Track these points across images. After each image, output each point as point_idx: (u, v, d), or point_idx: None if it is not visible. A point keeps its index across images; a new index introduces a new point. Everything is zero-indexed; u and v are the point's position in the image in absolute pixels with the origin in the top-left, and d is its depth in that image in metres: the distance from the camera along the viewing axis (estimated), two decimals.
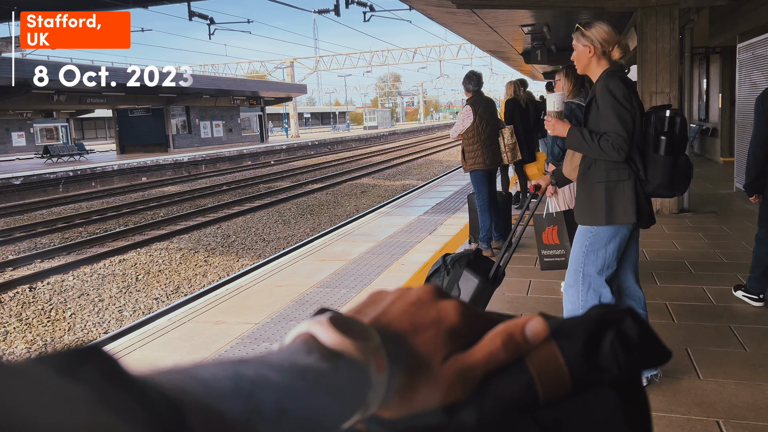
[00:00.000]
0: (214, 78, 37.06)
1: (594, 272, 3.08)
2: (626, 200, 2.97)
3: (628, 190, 2.97)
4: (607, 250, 3.05)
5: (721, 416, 2.81)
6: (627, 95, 2.94)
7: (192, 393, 0.26)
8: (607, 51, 3.03)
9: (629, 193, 2.97)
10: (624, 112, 2.93)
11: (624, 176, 2.97)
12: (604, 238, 3.05)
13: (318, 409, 0.30)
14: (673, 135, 2.93)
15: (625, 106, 2.93)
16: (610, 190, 2.99)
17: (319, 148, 39.79)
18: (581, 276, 3.11)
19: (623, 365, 0.34)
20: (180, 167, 27.18)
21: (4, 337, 6.83)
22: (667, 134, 2.92)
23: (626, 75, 3.04)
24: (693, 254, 5.69)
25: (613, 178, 2.98)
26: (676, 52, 7.80)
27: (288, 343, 0.33)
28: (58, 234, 12.66)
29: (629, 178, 2.97)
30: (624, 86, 2.95)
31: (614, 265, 3.09)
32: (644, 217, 3.01)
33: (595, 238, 3.07)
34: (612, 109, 2.94)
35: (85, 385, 0.23)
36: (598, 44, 3.01)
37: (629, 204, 2.97)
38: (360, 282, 5.31)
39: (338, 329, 0.33)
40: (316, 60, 61.68)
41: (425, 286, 0.39)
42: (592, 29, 3.04)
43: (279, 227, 12.70)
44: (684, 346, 3.58)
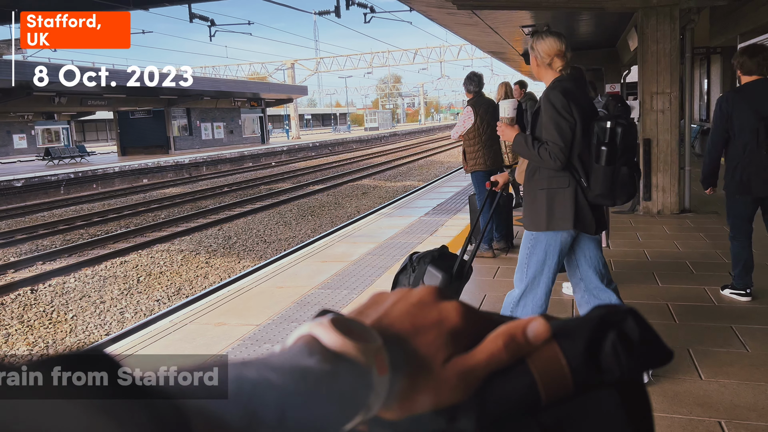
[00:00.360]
0: (215, 80, 37.10)
1: (534, 276, 3.18)
2: (565, 207, 3.07)
3: (569, 198, 3.06)
4: (547, 253, 3.14)
5: (723, 417, 2.81)
6: (566, 106, 3.03)
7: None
8: (549, 62, 3.12)
9: (569, 201, 3.06)
10: (562, 122, 3.02)
11: (564, 184, 3.07)
12: (542, 242, 3.15)
13: (320, 411, 0.30)
14: (613, 145, 3.01)
15: (564, 116, 3.02)
16: (552, 197, 3.08)
17: (320, 150, 39.80)
18: (523, 279, 3.20)
19: (625, 366, 0.34)
20: (181, 169, 27.20)
21: (6, 339, 6.83)
22: (608, 145, 3.00)
23: (572, 85, 3.10)
24: (694, 254, 5.68)
25: (554, 186, 3.08)
26: (677, 52, 7.80)
27: (290, 344, 0.33)
28: (59, 236, 12.67)
29: (570, 185, 3.07)
30: (563, 97, 3.03)
31: (555, 270, 3.17)
32: (586, 223, 3.09)
33: (535, 242, 3.17)
34: (551, 119, 3.04)
35: (88, 391, 0.23)
36: (539, 55, 3.13)
37: (568, 211, 3.06)
38: (361, 283, 5.31)
39: (340, 331, 0.33)
40: (316, 61, 61.73)
41: (426, 288, 0.39)
42: (537, 40, 3.15)
43: (280, 228, 12.70)
44: (686, 347, 3.57)
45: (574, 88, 3.11)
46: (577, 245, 3.23)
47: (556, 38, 3.12)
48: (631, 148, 3.08)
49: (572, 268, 3.29)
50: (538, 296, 3.20)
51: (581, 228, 3.10)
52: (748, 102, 4.12)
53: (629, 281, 4.95)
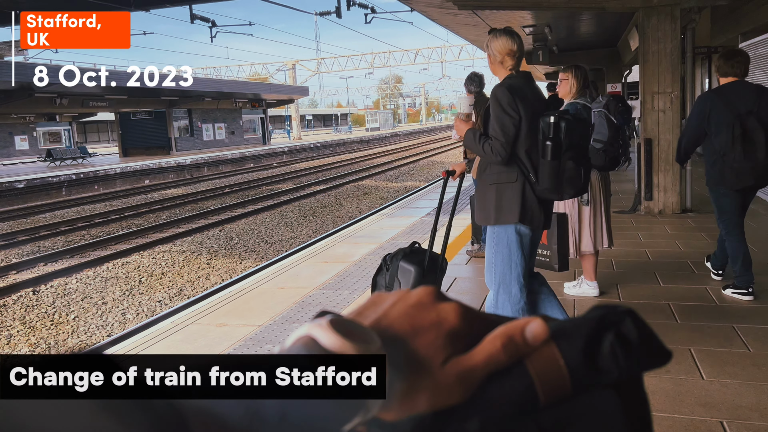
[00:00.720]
0: (216, 80, 37.13)
1: (503, 271, 3.26)
2: (513, 201, 3.16)
3: (516, 192, 3.16)
4: (510, 248, 3.23)
5: (725, 417, 2.81)
6: (511, 102, 3.12)
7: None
8: (501, 60, 3.22)
9: (516, 195, 3.16)
10: (505, 119, 3.12)
11: (512, 179, 3.17)
12: (504, 237, 3.24)
13: (319, 411, 0.30)
14: (557, 140, 3.08)
15: (508, 112, 3.12)
16: (500, 192, 3.19)
17: (321, 150, 39.82)
18: (494, 276, 3.29)
19: (623, 367, 0.34)
20: (182, 170, 27.22)
21: (8, 341, 6.84)
22: (552, 139, 3.08)
23: (520, 82, 3.21)
24: (696, 254, 5.68)
25: (503, 180, 3.18)
26: (678, 51, 7.80)
27: (289, 346, 0.33)
28: (61, 237, 12.69)
29: (517, 180, 3.16)
30: (509, 94, 3.14)
31: (521, 263, 3.25)
32: (533, 218, 3.19)
33: (497, 238, 3.26)
34: (495, 116, 3.15)
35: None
36: (493, 53, 3.23)
37: (515, 205, 3.16)
38: (363, 284, 5.31)
39: (339, 332, 0.33)
40: (317, 62, 61.77)
41: (425, 289, 0.39)
42: (491, 39, 3.24)
43: (281, 229, 12.71)
44: (687, 347, 3.57)
45: (522, 85, 3.20)
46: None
47: (509, 38, 3.22)
48: (578, 144, 3.16)
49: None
50: (513, 293, 3.26)
51: (528, 222, 3.19)
52: (724, 102, 4.38)
53: (631, 281, 4.95)
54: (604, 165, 4.52)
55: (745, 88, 4.42)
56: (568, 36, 14.74)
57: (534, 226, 3.22)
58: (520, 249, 3.23)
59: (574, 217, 4.51)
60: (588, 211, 4.54)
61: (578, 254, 4.59)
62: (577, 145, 3.14)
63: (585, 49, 17.46)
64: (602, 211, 4.60)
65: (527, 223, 3.18)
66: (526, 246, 3.25)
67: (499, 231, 3.24)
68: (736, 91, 4.38)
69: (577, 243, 4.55)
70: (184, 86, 6.22)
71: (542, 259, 4.25)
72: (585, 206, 4.53)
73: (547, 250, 4.23)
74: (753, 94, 4.37)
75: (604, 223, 4.60)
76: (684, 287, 4.75)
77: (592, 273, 4.66)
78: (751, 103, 4.32)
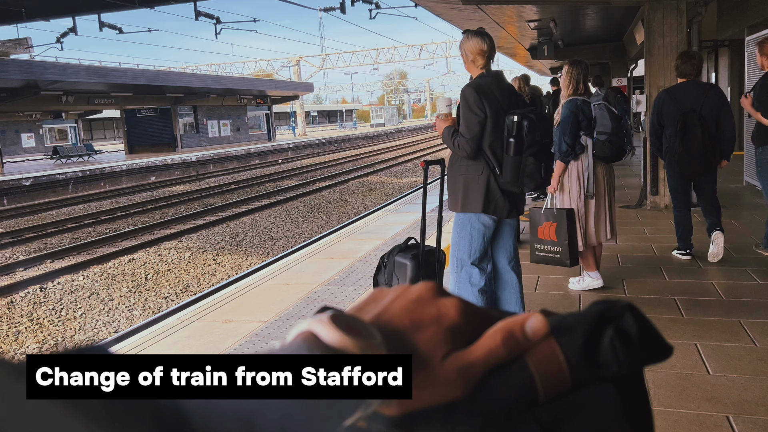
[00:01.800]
0: (221, 77, 37.16)
1: (463, 255, 3.54)
2: (477, 192, 3.42)
3: (481, 184, 3.41)
4: (472, 235, 3.51)
5: (731, 411, 2.80)
6: (477, 101, 3.36)
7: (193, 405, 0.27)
8: (473, 59, 3.46)
9: (481, 187, 3.41)
10: (471, 117, 3.35)
11: (478, 171, 3.42)
12: (467, 224, 3.51)
13: (320, 413, 0.30)
14: (520, 138, 3.31)
15: (473, 110, 3.35)
16: (467, 183, 3.45)
17: (326, 146, 39.82)
18: (456, 259, 3.57)
19: (623, 361, 0.35)
20: (188, 167, 27.28)
21: (16, 337, 6.89)
22: (515, 137, 3.32)
23: (489, 81, 3.43)
24: (701, 249, 5.66)
25: (471, 173, 3.44)
26: (684, 45, 7.76)
27: (289, 341, 0.34)
28: (67, 234, 12.75)
29: (483, 173, 3.41)
30: (475, 93, 3.39)
31: (481, 249, 3.53)
32: (496, 208, 3.45)
33: (461, 224, 3.54)
34: (462, 114, 3.40)
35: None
36: (465, 52, 3.48)
37: (479, 196, 3.42)
38: (368, 280, 5.32)
39: (339, 327, 0.33)
40: (322, 58, 61.71)
41: (425, 284, 0.39)
42: (464, 40, 3.49)
43: (287, 225, 12.73)
44: (693, 341, 3.57)
45: (490, 83, 3.42)
46: (497, 229, 3.61)
47: (480, 38, 3.44)
48: (539, 141, 3.37)
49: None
50: (473, 276, 3.52)
51: (491, 212, 3.46)
52: (673, 99, 5.07)
53: (636, 276, 4.94)
54: (611, 155, 4.54)
55: (695, 87, 5.04)
56: (573, 30, 14.68)
57: (498, 215, 3.47)
58: (482, 236, 3.50)
59: (581, 211, 4.52)
60: (593, 204, 4.55)
61: (586, 247, 4.59)
62: (538, 142, 3.35)
63: (590, 44, 17.39)
64: (606, 204, 4.61)
65: (490, 212, 3.45)
66: (488, 234, 3.53)
67: (463, 218, 3.52)
68: (686, 90, 5.03)
69: (584, 236, 4.56)
70: (189, 84, 6.17)
71: (553, 256, 4.25)
72: (590, 199, 4.54)
73: (557, 246, 4.24)
74: (700, 93, 5.00)
75: (608, 216, 4.62)
76: (690, 282, 4.73)
77: (593, 265, 4.67)
78: (696, 101, 4.97)
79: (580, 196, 4.53)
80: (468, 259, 3.53)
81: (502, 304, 3.63)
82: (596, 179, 4.54)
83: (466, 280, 3.54)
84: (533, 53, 16.21)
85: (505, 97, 3.43)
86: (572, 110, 4.43)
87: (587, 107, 4.47)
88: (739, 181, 9.39)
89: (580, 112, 4.44)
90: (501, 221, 3.58)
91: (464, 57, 3.49)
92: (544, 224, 4.27)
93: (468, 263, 3.53)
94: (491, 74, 3.47)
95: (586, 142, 4.50)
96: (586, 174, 4.51)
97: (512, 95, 3.51)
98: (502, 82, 3.51)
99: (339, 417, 0.31)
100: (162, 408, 0.25)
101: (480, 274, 3.53)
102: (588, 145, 4.50)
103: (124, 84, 26.43)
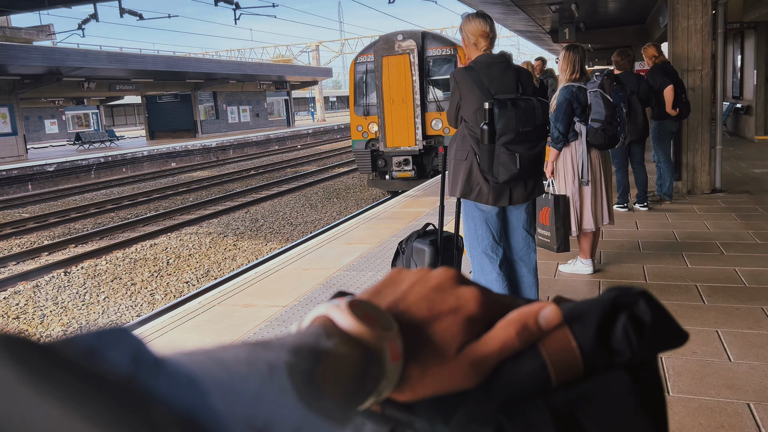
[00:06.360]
0: (241, 63, 37.18)
1: (473, 243, 3.54)
2: (460, 177, 3.43)
3: (464, 170, 3.42)
4: (475, 222, 3.50)
5: (752, 399, 2.78)
6: (455, 87, 3.40)
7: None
8: (475, 42, 3.42)
9: (464, 172, 3.41)
10: (452, 99, 3.43)
11: (463, 157, 3.43)
12: (468, 212, 3.52)
13: (335, 406, 0.31)
14: (492, 126, 3.28)
15: (454, 93, 3.42)
16: (456, 168, 3.47)
17: (345, 132, 39.75)
18: (467, 246, 3.59)
19: (636, 348, 0.35)
20: (208, 152, 27.44)
21: (41, 320, 7.02)
22: (488, 125, 3.28)
23: (481, 65, 3.38)
24: (725, 235, 5.58)
25: (458, 158, 3.45)
26: (709, 28, 7.60)
27: (306, 325, 0.34)
28: (90, 219, 12.92)
29: (467, 159, 3.41)
30: (457, 78, 3.38)
31: (486, 236, 3.49)
32: (481, 194, 3.41)
33: (465, 213, 3.56)
34: (450, 95, 3.48)
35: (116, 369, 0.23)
36: (467, 35, 3.44)
37: (461, 180, 3.42)
38: (386, 265, 5.33)
39: (356, 315, 0.33)
40: (341, 43, 61.45)
41: (446, 271, 0.39)
42: (465, 22, 3.45)
43: (306, 211, 12.77)
44: (715, 328, 3.53)
45: (480, 67, 3.38)
46: (506, 216, 3.58)
47: (483, 20, 3.41)
48: (514, 130, 3.28)
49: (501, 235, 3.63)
50: (484, 264, 3.50)
51: (474, 198, 3.44)
52: (621, 86, 5.50)
53: (657, 262, 4.89)
54: (603, 144, 4.53)
55: (632, 76, 6.66)
56: (594, 13, 14.43)
57: (480, 201, 3.43)
58: (484, 223, 3.47)
59: (575, 197, 4.53)
60: (589, 191, 4.57)
61: (579, 232, 4.61)
62: (513, 130, 3.27)
63: (612, 27, 17.09)
64: (602, 190, 4.62)
65: (473, 198, 3.42)
66: (492, 220, 3.48)
67: (465, 206, 3.53)
68: (627, 79, 6.29)
69: (578, 221, 4.58)
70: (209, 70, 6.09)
71: (543, 239, 4.32)
72: (585, 186, 4.56)
73: (547, 231, 4.29)
74: (635, 80, 6.56)
75: (605, 201, 4.63)
76: (712, 268, 4.68)
77: (588, 251, 4.68)
78: (634, 86, 6.42)
79: (575, 183, 4.55)
80: (478, 246, 3.50)
81: (516, 291, 3.61)
82: (591, 166, 4.56)
83: (480, 270, 3.52)
84: (554, 36, 15.99)
85: (495, 79, 3.34)
86: (567, 97, 4.45)
87: (582, 94, 4.48)
88: (764, 165, 9.22)
89: (575, 99, 4.45)
90: (506, 208, 3.52)
91: (465, 40, 3.45)
92: (543, 209, 4.31)
93: (478, 251, 3.51)
94: (487, 56, 3.41)
95: (580, 129, 4.50)
96: (580, 161, 4.51)
97: (511, 79, 3.40)
98: (499, 64, 3.41)
99: (351, 402, 0.32)
100: (174, 414, 0.24)
101: (490, 261, 3.49)
102: (582, 132, 4.50)
103: (144, 70, 26.55)
